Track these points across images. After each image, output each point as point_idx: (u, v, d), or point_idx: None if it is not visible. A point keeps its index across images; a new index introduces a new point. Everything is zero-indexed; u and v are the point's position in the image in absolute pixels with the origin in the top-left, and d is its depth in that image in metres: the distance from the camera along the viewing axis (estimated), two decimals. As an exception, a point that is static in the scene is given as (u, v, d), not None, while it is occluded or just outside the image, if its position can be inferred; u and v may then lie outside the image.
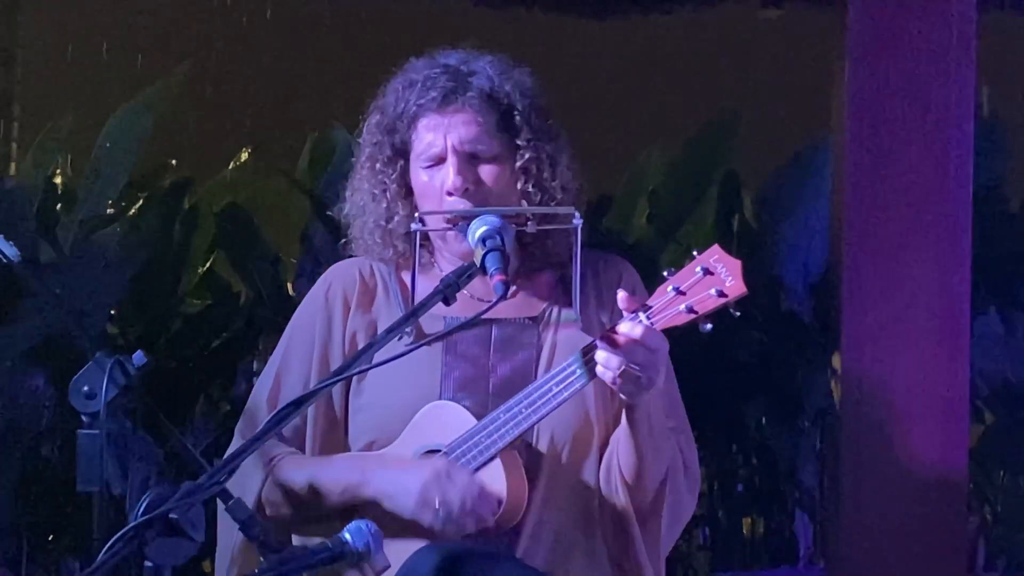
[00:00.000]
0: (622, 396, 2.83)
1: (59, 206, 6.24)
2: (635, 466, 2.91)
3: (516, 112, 2.98)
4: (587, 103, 7.26)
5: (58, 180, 6.44)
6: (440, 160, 2.97)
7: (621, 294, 2.79)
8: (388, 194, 3.02)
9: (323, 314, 3.05)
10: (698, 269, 2.75)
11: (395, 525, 2.88)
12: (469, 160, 2.96)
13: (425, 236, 2.99)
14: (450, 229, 2.93)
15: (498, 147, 2.98)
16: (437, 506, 2.84)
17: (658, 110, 7.72)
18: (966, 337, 4.93)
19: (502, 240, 2.77)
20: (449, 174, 2.95)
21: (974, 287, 4.95)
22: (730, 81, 7.62)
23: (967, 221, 4.92)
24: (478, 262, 2.74)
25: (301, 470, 2.96)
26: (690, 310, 2.74)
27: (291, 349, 3.06)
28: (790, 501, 6.10)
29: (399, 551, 2.86)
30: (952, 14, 4.90)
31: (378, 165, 3.03)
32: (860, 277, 4.96)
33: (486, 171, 2.97)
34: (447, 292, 2.70)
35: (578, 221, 2.85)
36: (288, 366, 3.05)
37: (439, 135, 2.97)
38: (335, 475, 2.94)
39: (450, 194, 2.95)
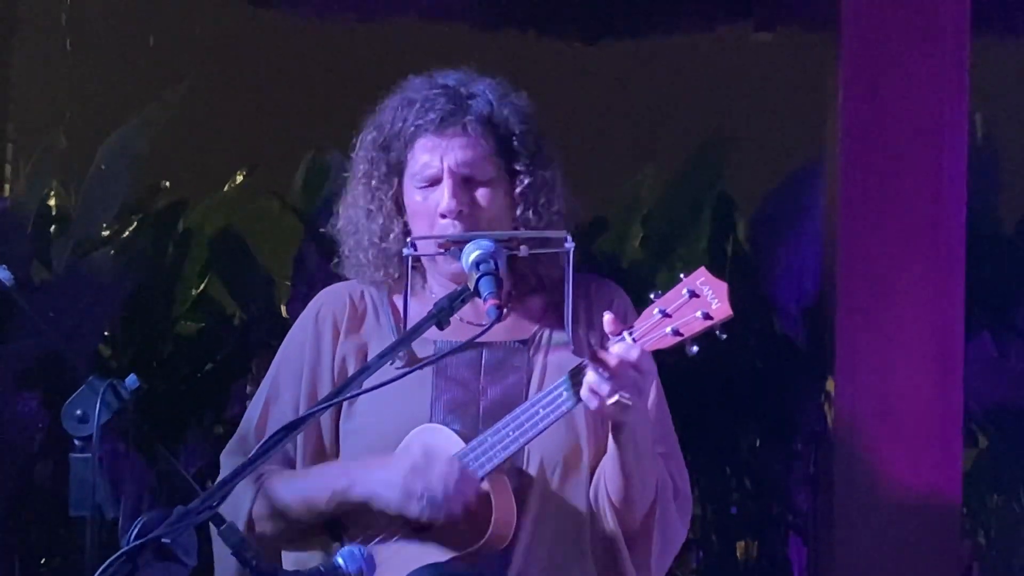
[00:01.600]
0: (608, 416, 2.83)
1: (53, 228, 6.24)
2: (622, 488, 2.91)
3: (514, 137, 2.99)
4: (580, 126, 7.27)
5: (52, 202, 6.44)
6: (435, 181, 2.97)
7: (607, 316, 2.79)
8: (383, 211, 3.01)
9: (312, 340, 3.04)
10: (684, 291, 2.75)
11: (387, 526, 2.88)
12: (464, 183, 2.97)
13: (416, 258, 2.99)
14: (442, 253, 2.93)
15: (494, 171, 2.98)
16: (420, 494, 2.84)
17: (652, 133, 7.72)
18: (959, 360, 4.94)
19: (496, 264, 2.77)
20: (444, 196, 2.95)
21: (967, 310, 4.96)
22: (724, 104, 7.62)
23: (960, 244, 4.93)
24: (472, 286, 2.75)
25: (289, 482, 2.97)
26: (676, 332, 2.74)
27: (280, 376, 3.06)
28: (783, 524, 6.09)
29: (389, 556, 2.86)
30: (945, 38, 4.91)
31: (373, 182, 3.03)
32: (854, 300, 4.96)
33: (481, 195, 2.97)
34: (440, 317, 2.71)
35: (570, 244, 2.86)
36: (277, 393, 3.05)
37: (436, 156, 2.97)
38: (322, 483, 2.94)
39: (444, 216, 2.95)
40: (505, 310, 2.92)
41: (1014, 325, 6.08)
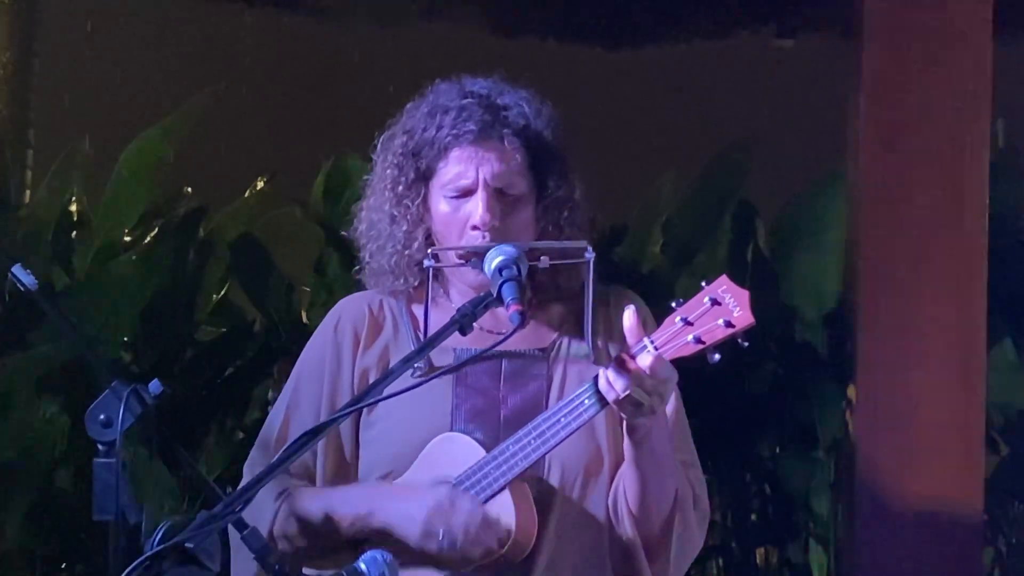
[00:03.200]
0: (622, 415, 2.83)
1: (74, 234, 6.26)
2: (640, 493, 2.90)
3: (547, 151, 2.98)
4: (601, 132, 7.27)
5: (73, 207, 6.45)
6: (467, 192, 2.95)
7: (627, 324, 2.78)
8: (409, 217, 2.99)
9: (332, 350, 3.04)
10: (706, 299, 2.75)
11: (407, 554, 2.88)
12: (497, 196, 2.95)
13: (437, 269, 2.98)
14: (462, 265, 2.92)
15: (525, 185, 2.97)
16: (440, 536, 2.84)
17: (672, 139, 7.72)
18: (981, 367, 4.92)
19: (519, 270, 2.77)
20: (478, 208, 2.93)
21: (989, 317, 4.94)
22: (744, 110, 7.62)
23: (982, 251, 4.92)
24: (495, 292, 2.74)
25: (312, 501, 2.96)
26: (698, 340, 2.74)
27: (300, 388, 3.06)
28: (804, 532, 6.08)
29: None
30: (968, 44, 4.90)
31: (400, 188, 3.00)
32: (875, 307, 4.95)
33: (512, 208, 2.96)
34: (463, 322, 2.71)
35: (590, 255, 2.85)
36: (297, 403, 3.04)
37: (471, 167, 2.95)
38: (344, 507, 2.94)
39: (475, 228, 2.94)
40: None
41: (1036, 332, 6.07)
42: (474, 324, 2.76)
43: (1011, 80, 5.47)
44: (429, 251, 2.93)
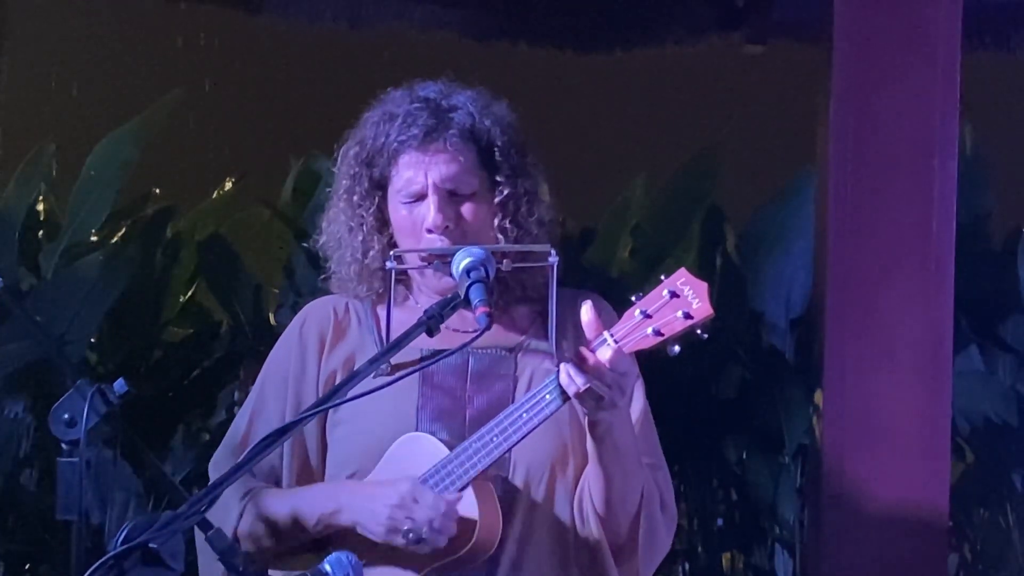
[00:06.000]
0: (584, 410, 2.83)
1: (41, 233, 6.24)
2: (605, 492, 2.91)
3: (496, 148, 2.99)
4: (571, 136, 7.28)
5: (40, 207, 6.43)
6: (420, 197, 2.98)
7: (586, 319, 2.80)
8: (365, 227, 3.02)
9: (297, 354, 3.05)
10: (665, 292, 2.77)
11: (373, 552, 2.88)
12: (449, 197, 2.98)
13: (402, 272, 3.00)
14: (426, 267, 2.94)
15: (477, 184, 2.99)
16: (405, 529, 2.84)
17: (642, 144, 7.74)
18: (948, 374, 4.93)
19: (486, 272, 2.78)
20: (430, 211, 2.96)
21: (956, 324, 4.96)
22: (714, 116, 7.64)
23: (950, 258, 4.93)
24: (462, 293, 2.75)
25: (277, 501, 2.96)
26: (657, 333, 2.76)
27: (265, 390, 3.06)
28: (770, 537, 6.10)
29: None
30: (936, 51, 4.92)
31: (355, 198, 3.03)
32: (842, 313, 4.96)
33: (466, 208, 2.98)
34: (431, 324, 2.72)
35: (554, 259, 2.87)
36: (263, 407, 3.05)
37: (420, 172, 2.97)
38: (310, 506, 2.94)
39: (430, 231, 2.95)
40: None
41: (1002, 340, 6.09)
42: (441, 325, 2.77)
43: (978, 87, 5.49)
44: (392, 253, 2.95)
